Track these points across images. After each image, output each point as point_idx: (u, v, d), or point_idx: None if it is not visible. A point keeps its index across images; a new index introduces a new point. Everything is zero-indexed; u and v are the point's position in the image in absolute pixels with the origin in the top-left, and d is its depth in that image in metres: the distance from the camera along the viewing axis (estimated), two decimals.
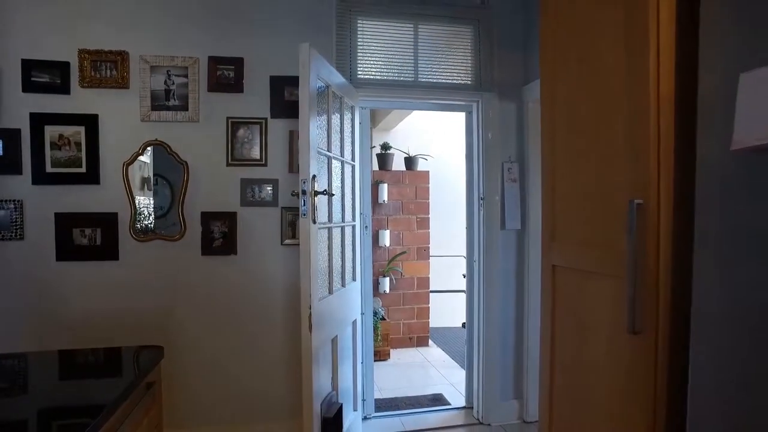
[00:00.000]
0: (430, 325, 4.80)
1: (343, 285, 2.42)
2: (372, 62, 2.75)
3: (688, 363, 1.04)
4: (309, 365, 1.88)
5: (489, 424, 2.81)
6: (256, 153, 2.55)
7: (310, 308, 1.87)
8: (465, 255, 5.97)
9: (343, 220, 2.45)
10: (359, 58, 2.72)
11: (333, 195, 2.19)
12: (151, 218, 2.47)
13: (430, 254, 4.84)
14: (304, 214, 1.87)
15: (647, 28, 1.12)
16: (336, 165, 2.37)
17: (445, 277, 5.54)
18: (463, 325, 5.05)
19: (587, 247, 1.40)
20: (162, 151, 2.46)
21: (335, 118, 2.35)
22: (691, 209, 1.05)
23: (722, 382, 0.95)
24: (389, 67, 2.77)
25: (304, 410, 1.89)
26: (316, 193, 1.91)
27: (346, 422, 2.32)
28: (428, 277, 4.79)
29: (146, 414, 1.33)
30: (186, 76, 2.48)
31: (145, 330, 2.41)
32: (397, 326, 4.60)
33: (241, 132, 2.54)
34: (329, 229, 2.22)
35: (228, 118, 2.52)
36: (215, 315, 2.50)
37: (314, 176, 1.91)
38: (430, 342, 4.73)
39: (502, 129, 2.92)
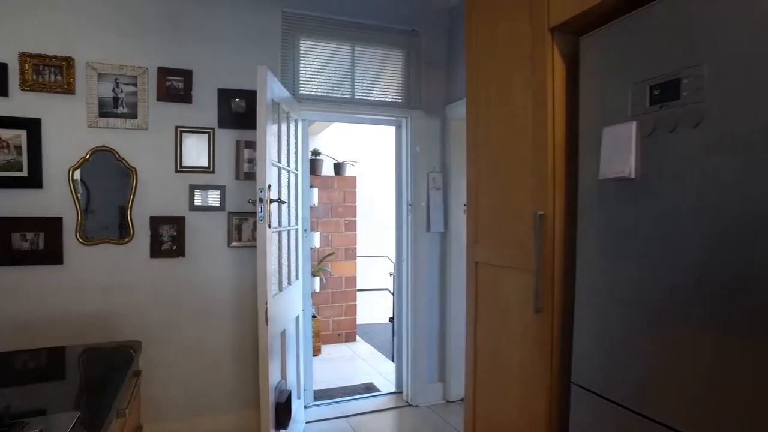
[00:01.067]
0: (357, 322, 5.11)
1: (289, 283, 2.65)
2: (313, 79, 3.00)
3: (572, 330, 1.44)
4: (265, 355, 2.10)
5: (417, 405, 3.18)
6: (204, 161, 2.70)
7: (267, 304, 2.09)
8: (388, 255, 6.38)
9: (289, 224, 2.68)
10: (302, 74, 2.96)
11: (285, 202, 2.42)
12: (97, 222, 2.52)
13: (357, 255, 5.15)
14: (261, 220, 2.09)
15: (545, 91, 1.51)
16: (284, 174, 2.59)
17: (370, 276, 5.89)
18: (391, 320, 5.43)
19: (503, 247, 1.78)
20: (110, 157, 2.53)
21: (283, 131, 2.58)
22: (575, 218, 1.45)
23: (595, 343, 1.36)
24: (329, 84, 3.04)
25: (261, 395, 2.11)
26: (272, 201, 2.14)
27: (293, 408, 2.56)
28: (355, 277, 5.10)
29: (137, 397, 1.50)
30: (135, 84, 2.57)
31: (93, 331, 2.46)
32: (327, 323, 4.86)
33: (189, 140, 2.67)
34: (279, 233, 2.44)
35: (177, 127, 2.64)
36: (164, 314, 2.61)
37: (269, 186, 2.14)
38: (358, 338, 5.04)
39: (428, 142, 3.31)
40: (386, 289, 6.33)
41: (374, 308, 6.16)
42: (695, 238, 1.09)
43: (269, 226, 2.13)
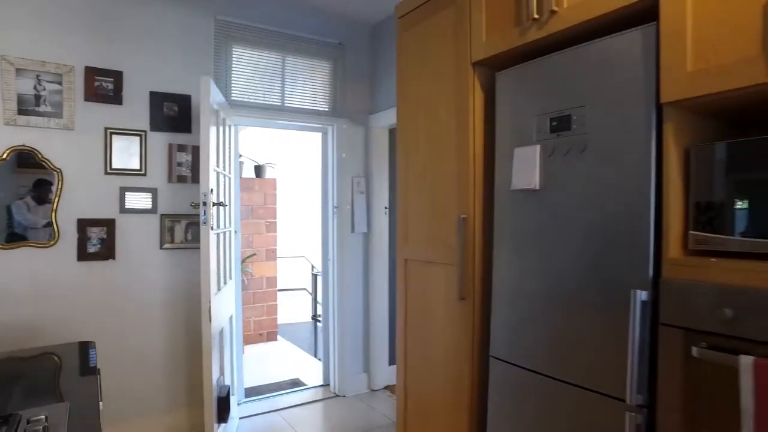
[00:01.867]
0: (278, 322, 5.20)
1: (225, 283, 2.74)
2: (245, 85, 3.10)
3: (490, 314, 1.76)
4: (209, 352, 2.20)
5: (344, 396, 3.40)
6: (135, 163, 2.69)
7: (210, 302, 2.20)
8: (305, 256, 6.52)
9: (225, 226, 2.77)
10: (234, 80, 3.05)
11: (226, 205, 2.52)
12: (18, 225, 2.43)
13: (278, 255, 5.24)
14: (205, 222, 2.19)
15: (468, 115, 1.82)
16: (221, 177, 2.68)
17: (288, 276, 6.00)
18: (313, 318, 5.59)
19: (430, 246, 2.06)
20: (32, 157, 2.44)
21: (220, 136, 2.67)
22: (492, 220, 1.77)
23: (508, 323, 1.68)
24: (261, 91, 3.16)
25: (204, 390, 2.21)
26: (214, 204, 2.24)
27: (231, 403, 2.66)
28: (276, 277, 5.19)
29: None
30: (60, 83, 2.51)
31: (20, 339, 2.37)
32: (249, 323, 4.89)
33: (120, 142, 2.66)
34: (217, 235, 2.54)
35: (106, 129, 2.62)
36: (94, 317, 2.57)
37: (212, 189, 2.24)
38: (279, 337, 5.14)
39: (353, 149, 3.55)
40: (304, 289, 6.48)
41: (293, 308, 6.28)
42: (577, 234, 1.44)
43: (212, 228, 2.23)
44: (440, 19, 1.96)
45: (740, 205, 1.17)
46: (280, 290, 5.30)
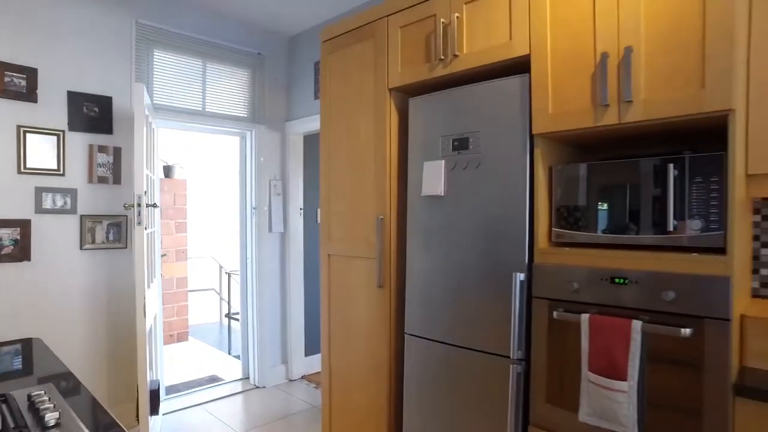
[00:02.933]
0: (189, 322, 5.18)
1: (152, 282, 2.82)
2: (167, 89, 3.17)
3: (405, 298, 2.12)
4: (143, 345, 2.31)
5: (264, 387, 3.60)
6: (52, 163, 2.67)
7: (145, 298, 2.31)
8: (213, 257, 6.49)
9: (151, 227, 2.84)
10: (156, 84, 3.11)
11: (158, 206, 2.61)
12: None
13: (188, 256, 5.22)
14: (140, 223, 2.30)
15: (385, 132, 2.17)
16: (149, 179, 2.76)
17: (196, 277, 5.95)
18: (227, 316, 5.62)
19: (351, 242, 2.38)
20: None
21: (148, 140, 2.74)
22: (405, 221, 2.14)
23: (419, 305, 2.05)
24: (182, 95, 3.25)
25: (139, 383, 2.31)
26: (147, 206, 2.35)
27: None
28: (186, 278, 5.16)
29: None
30: None
31: None
32: None
33: (35, 141, 2.62)
34: (147, 235, 2.62)
35: (19, 127, 2.57)
36: (8, 319, 2.51)
37: (145, 191, 2.35)
38: (190, 337, 5.12)
39: (270, 153, 3.75)
40: (213, 289, 6.46)
41: (202, 308, 6.23)
42: (472, 231, 1.85)
43: (146, 228, 2.34)
44: (362, 49, 2.29)
45: (580, 208, 1.64)
46: (190, 291, 5.28)
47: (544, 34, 1.65)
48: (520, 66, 1.78)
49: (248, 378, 3.70)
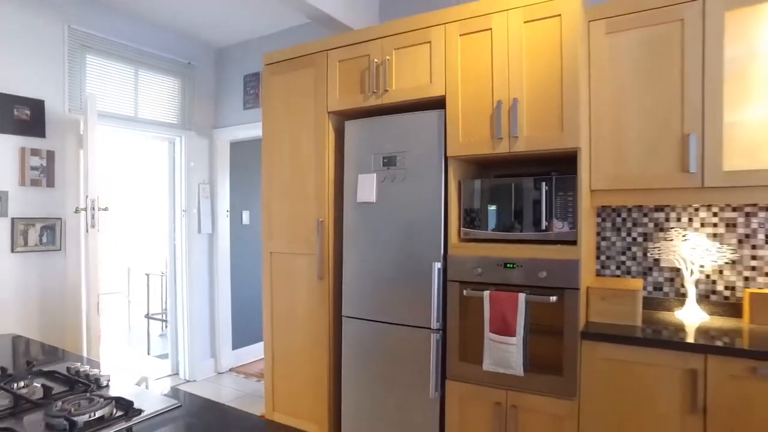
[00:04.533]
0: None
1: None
2: (100, 94, 3.25)
3: (342, 287, 2.54)
4: (98, 343, 2.47)
5: (194, 380, 3.78)
6: None
7: (98, 296, 2.47)
8: (124, 260, 6.34)
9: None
10: (89, 89, 3.18)
11: (107, 209, 2.73)
12: None
13: None
14: (93, 225, 2.46)
15: (324, 148, 2.57)
16: None
17: (106, 281, 5.79)
18: (146, 317, 5.55)
19: (293, 241, 2.74)
20: None
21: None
22: (342, 223, 2.56)
23: (355, 293, 2.49)
24: (115, 100, 3.34)
25: None
26: (100, 209, 2.51)
27: None
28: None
29: None
30: None
31: None
32: None
33: None
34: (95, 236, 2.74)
35: None
36: None
37: (98, 196, 2.51)
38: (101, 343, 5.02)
39: (199, 159, 3.93)
40: (119, 292, 6.29)
41: (109, 313, 6.05)
42: (400, 231, 2.33)
43: (98, 230, 2.50)
44: (303, 75, 2.66)
45: (481, 213, 2.20)
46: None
47: (456, 81, 2.18)
48: (438, 103, 2.30)
49: (178, 374, 3.85)
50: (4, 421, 1.01)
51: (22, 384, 1.22)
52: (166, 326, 5.60)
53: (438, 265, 2.21)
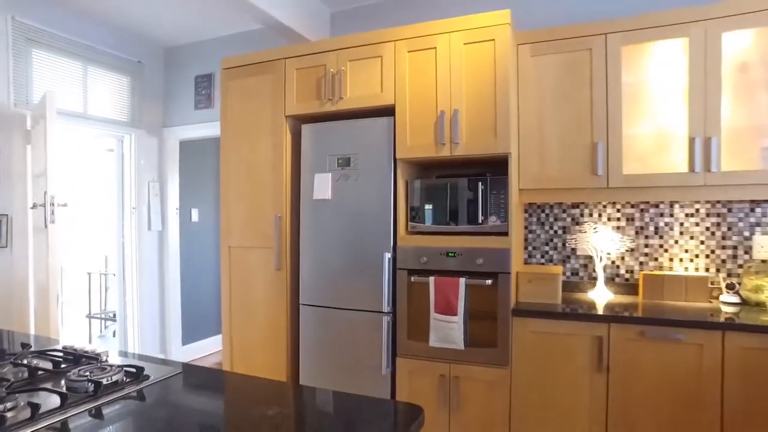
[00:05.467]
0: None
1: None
2: (48, 90, 3.22)
3: (299, 277, 2.75)
4: (57, 333, 2.52)
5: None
6: None
7: (59, 290, 2.52)
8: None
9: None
10: (35, 84, 3.16)
11: (66, 205, 2.75)
12: None
13: None
14: (53, 222, 2.50)
15: (282, 149, 2.77)
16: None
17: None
18: (88, 316, 5.39)
19: (251, 236, 2.91)
20: None
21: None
22: (298, 218, 2.77)
23: (311, 282, 2.70)
24: (64, 96, 3.33)
25: None
26: (59, 205, 2.56)
27: None
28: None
29: None
30: None
31: None
32: None
33: None
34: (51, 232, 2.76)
35: None
36: None
37: (56, 192, 2.55)
38: None
39: (148, 157, 3.97)
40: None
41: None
42: (353, 225, 2.58)
43: (52, 226, 2.54)
44: (262, 80, 2.84)
45: (426, 208, 2.49)
46: None
47: (405, 92, 2.46)
48: (388, 110, 2.57)
49: None
50: (26, 390, 1.15)
51: (25, 361, 1.35)
52: (105, 327, 5.49)
53: (388, 255, 2.48)
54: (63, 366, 1.30)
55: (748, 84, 2.19)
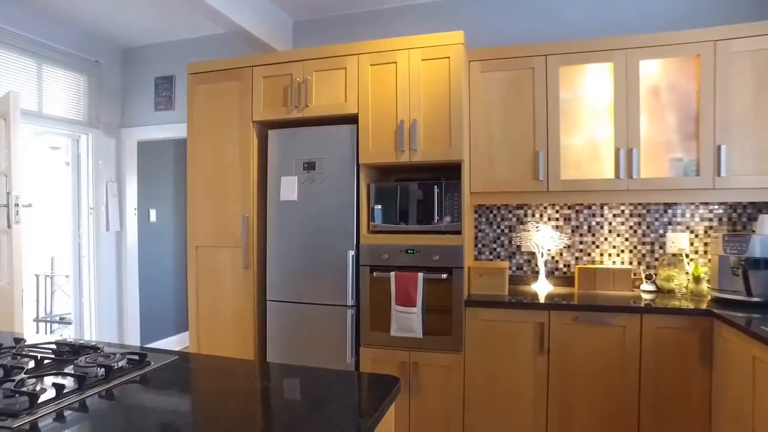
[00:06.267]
0: None
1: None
2: (2, 87, 3.18)
3: (266, 275, 2.89)
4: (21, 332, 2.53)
5: None
6: None
7: (23, 289, 2.53)
8: None
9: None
10: None
11: (31, 205, 2.74)
12: None
13: None
14: (17, 222, 2.51)
15: (249, 153, 2.90)
16: None
17: None
18: (36, 320, 5.22)
19: (218, 236, 3.01)
20: None
21: None
22: (264, 217, 2.91)
23: (278, 280, 2.85)
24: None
25: None
26: (24, 206, 2.57)
27: None
28: None
29: None
30: None
31: None
32: None
33: None
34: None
35: None
36: None
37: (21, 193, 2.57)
38: None
39: (106, 157, 3.95)
40: None
41: None
42: (319, 225, 2.75)
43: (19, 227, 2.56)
44: (229, 86, 2.95)
45: (386, 209, 2.71)
46: None
47: (367, 102, 2.67)
48: (352, 118, 2.76)
49: None
50: (43, 375, 1.26)
51: (30, 352, 1.44)
52: (52, 331, 5.34)
53: (352, 252, 2.67)
54: (65, 356, 1.41)
55: (659, 105, 2.56)
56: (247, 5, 3.09)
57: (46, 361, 1.35)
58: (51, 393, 1.11)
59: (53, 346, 1.50)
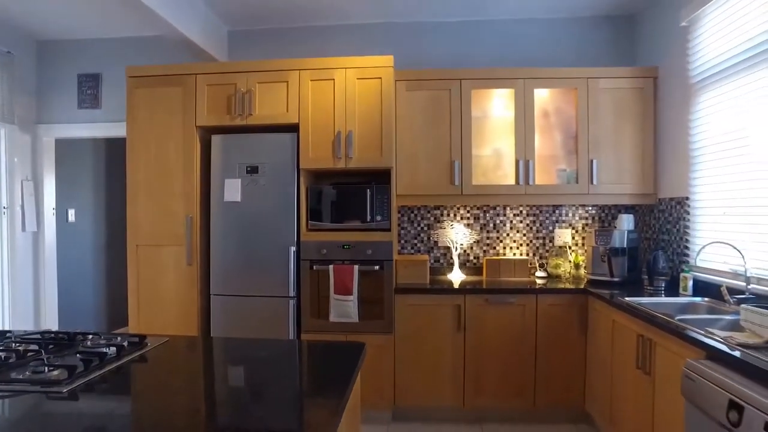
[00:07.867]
0: None
1: None
2: None
3: (210, 271, 3.07)
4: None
5: None
6: None
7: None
8: None
9: None
10: None
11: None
12: None
13: None
14: None
15: (193, 157, 3.06)
16: None
17: None
18: None
19: (161, 235, 3.12)
20: None
21: None
22: (207, 217, 3.08)
23: (221, 275, 3.05)
24: None
25: None
26: None
27: None
28: None
29: None
30: None
31: None
32: None
33: None
34: None
35: None
36: None
37: None
38: None
39: (22, 154, 3.81)
40: None
41: None
42: (261, 224, 3.00)
43: None
44: (172, 91, 3.08)
45: (324, 209, 3.03)
46: None
47: (308, 113, 2.97)
48: (293, 127, 3.03)
49: None
50: (61, 355, 1.42)
51: (33, 337, 1.58)
52: None
53: (293, 248, 2.96)
54: (65, 342, 1.58)
55: (549, 126, 3.17)
56: (184, 10, 3.21)
57: (51, 347, 1.51)
58: (80, 366, 1.31)
59: (51, 335, 1.64)
